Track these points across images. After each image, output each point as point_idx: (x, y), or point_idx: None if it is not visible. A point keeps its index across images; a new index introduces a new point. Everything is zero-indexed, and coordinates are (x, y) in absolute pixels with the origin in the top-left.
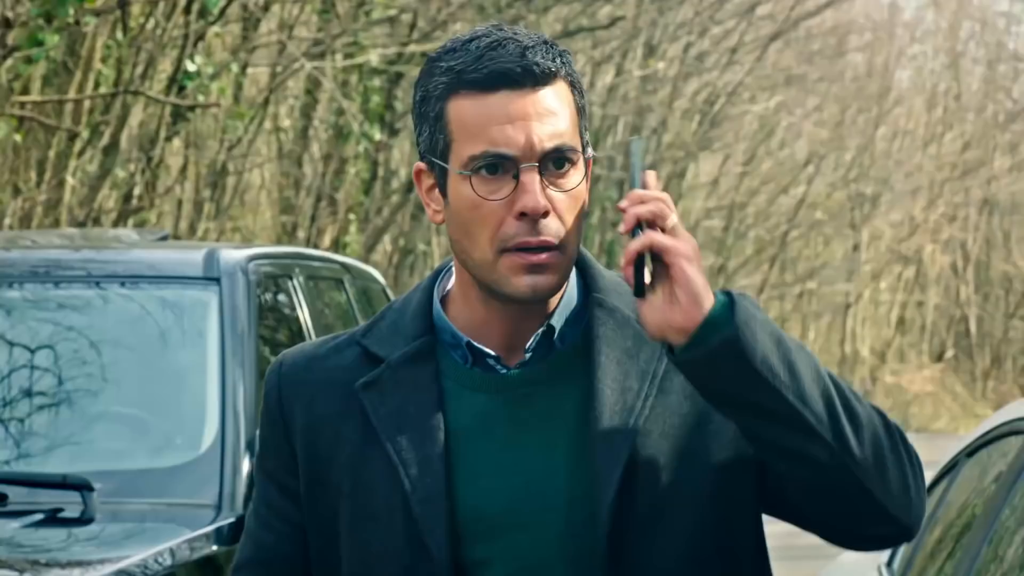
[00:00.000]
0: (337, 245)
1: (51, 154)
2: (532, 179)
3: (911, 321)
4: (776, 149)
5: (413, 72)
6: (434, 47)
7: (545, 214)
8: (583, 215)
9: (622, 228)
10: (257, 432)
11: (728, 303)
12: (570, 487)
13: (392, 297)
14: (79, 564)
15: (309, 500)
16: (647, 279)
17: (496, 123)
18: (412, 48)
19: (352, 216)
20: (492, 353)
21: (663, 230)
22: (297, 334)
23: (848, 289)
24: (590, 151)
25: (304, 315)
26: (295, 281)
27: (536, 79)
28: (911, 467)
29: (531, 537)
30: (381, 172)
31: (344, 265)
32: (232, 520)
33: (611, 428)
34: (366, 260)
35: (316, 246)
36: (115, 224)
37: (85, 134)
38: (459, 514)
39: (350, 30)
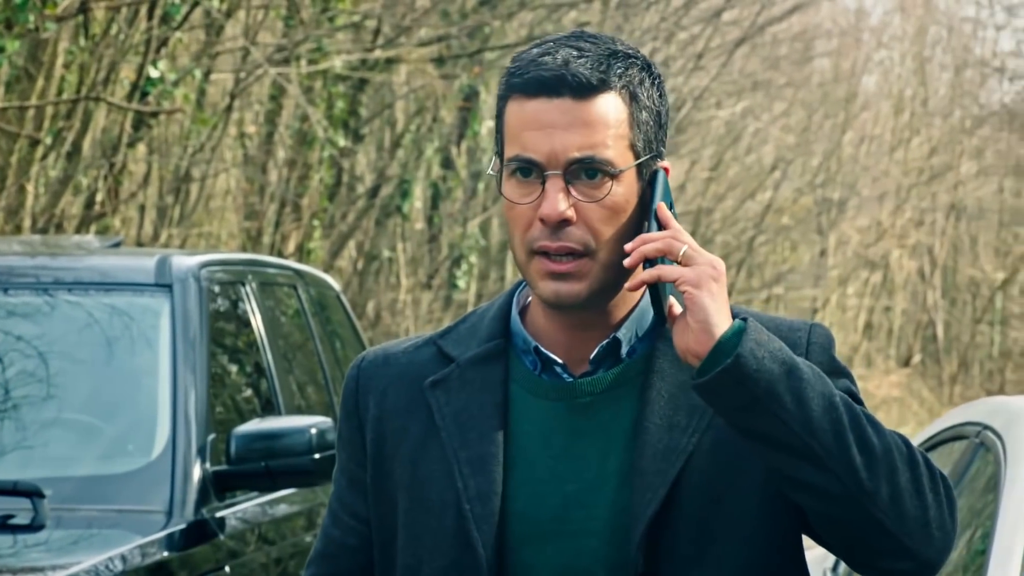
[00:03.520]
0: (301, 251)
1: (12, 160)
2: (554, 186)
3: (878, 326)
4: (742, 154)
5: (378, 78)
6: (398, 53)
7: (567, 222)
8: (627, 224)
9: (626, 262)
10: (209, 439)
11: (741, 330)
12: (618, 498)
13: (346, 303)
14: (30, 571)
15: (374, 491)
16: (678, 308)
17: (528, 128)
18: (377, 54)
19: (316, 222)
20: (559, 360)
21: (677, 262)
22: (250, 340)
23: (815, 294)
24: (661, 162)
25: (257, 321)
26: (248, 288)
27: (572, 90)
28: (936, 501)
29: (576, 544)
30: (345, 178)
31: (298, 272)
32: (183, 526)
33: (652, 467)
34: (330, 266)
35: (280, 252)
36: (78, 230)
37: (47, 140)
38: (509, 517)
39: (314, 36)
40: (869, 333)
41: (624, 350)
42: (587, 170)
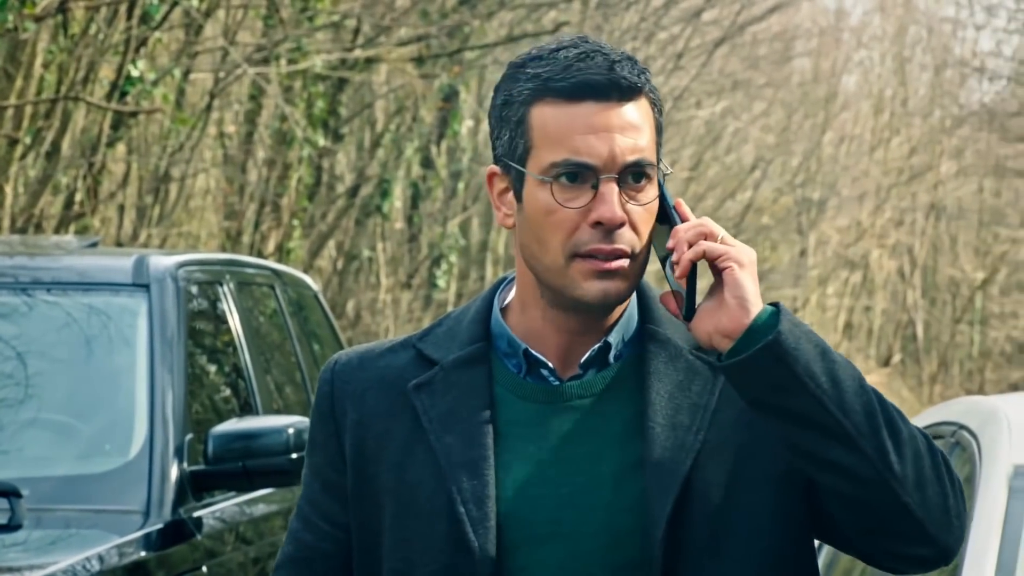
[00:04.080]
0: (281, 251)
1: None
2: (611, 190)
3: (858, 326)
4: (722, 154)
5: (357, 78)
6: (378, 52)
7: (620, 225)
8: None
9: (676, 256)
10: (187, 439)
11: (775, 312)
12: (615, 499)
13: (324, 303)
14: (7, 571)
15: (355, 496)
16: (697, 301)
17: (579, 132)
18: (356, 54)
19: (296, 222)
20: (548, 363)
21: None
22: (227, 340)
23: (795, 294)
24: (665, 166)
25: (235, 321)
26: (226, 287)
27: (621, 93)
28: (952, 490)
29: (574, 546)
30: (325, 178)
31: (276, 271)
32: (160, 526)
33: (662, 465)
34: (310, 266)
35: (260, 252)
36: (57, 230)
37: (26, 140)
38: (502, 519)
39: (293, 36)
40: (849, 333)
41: (612, 354)
42: (634, 173)
